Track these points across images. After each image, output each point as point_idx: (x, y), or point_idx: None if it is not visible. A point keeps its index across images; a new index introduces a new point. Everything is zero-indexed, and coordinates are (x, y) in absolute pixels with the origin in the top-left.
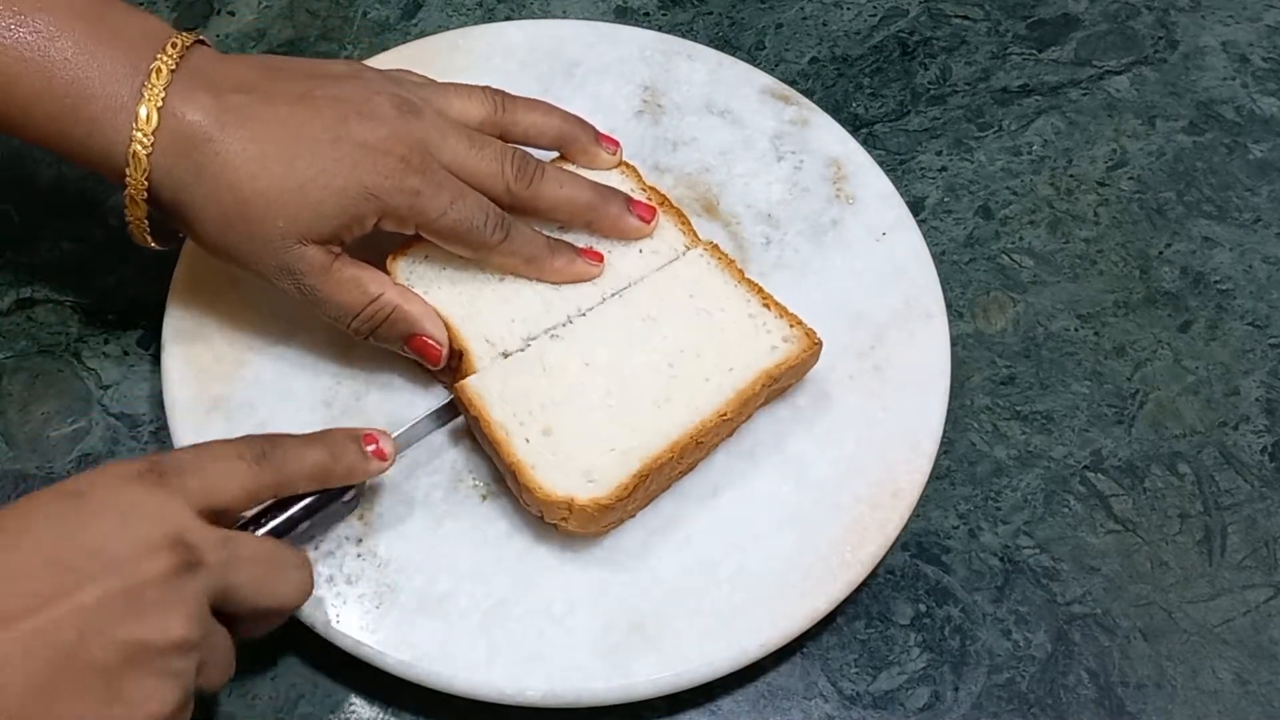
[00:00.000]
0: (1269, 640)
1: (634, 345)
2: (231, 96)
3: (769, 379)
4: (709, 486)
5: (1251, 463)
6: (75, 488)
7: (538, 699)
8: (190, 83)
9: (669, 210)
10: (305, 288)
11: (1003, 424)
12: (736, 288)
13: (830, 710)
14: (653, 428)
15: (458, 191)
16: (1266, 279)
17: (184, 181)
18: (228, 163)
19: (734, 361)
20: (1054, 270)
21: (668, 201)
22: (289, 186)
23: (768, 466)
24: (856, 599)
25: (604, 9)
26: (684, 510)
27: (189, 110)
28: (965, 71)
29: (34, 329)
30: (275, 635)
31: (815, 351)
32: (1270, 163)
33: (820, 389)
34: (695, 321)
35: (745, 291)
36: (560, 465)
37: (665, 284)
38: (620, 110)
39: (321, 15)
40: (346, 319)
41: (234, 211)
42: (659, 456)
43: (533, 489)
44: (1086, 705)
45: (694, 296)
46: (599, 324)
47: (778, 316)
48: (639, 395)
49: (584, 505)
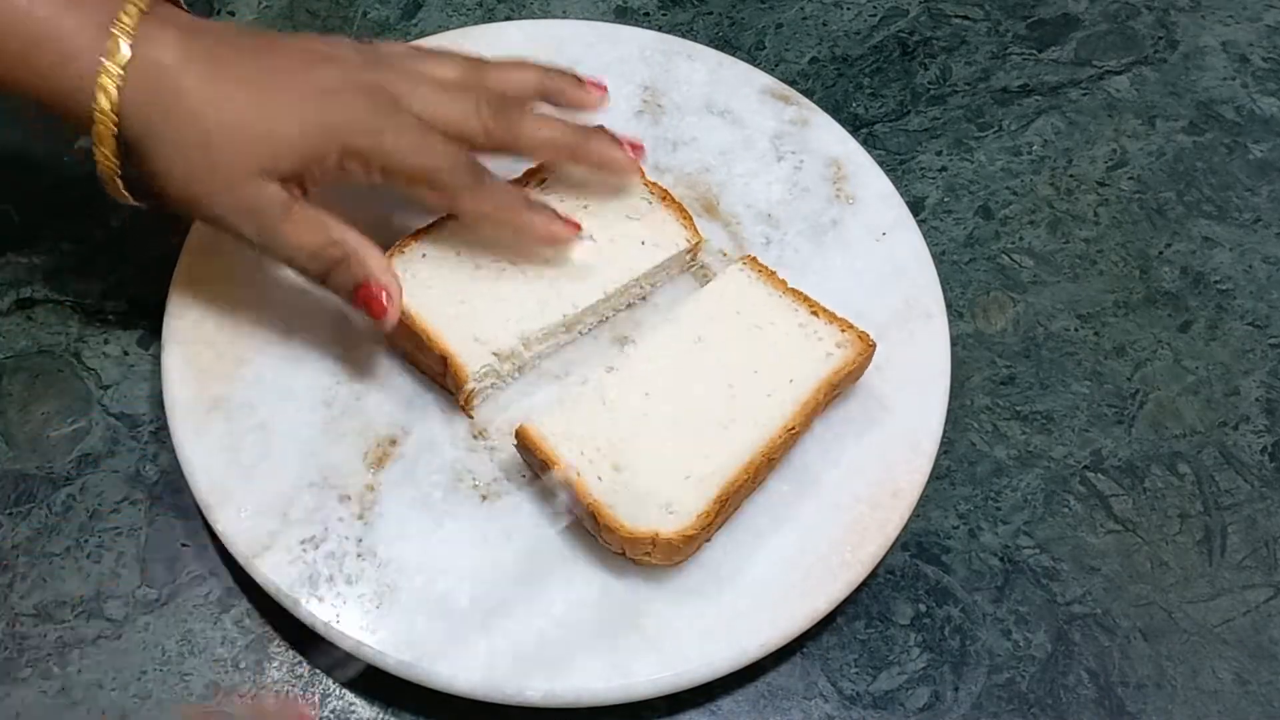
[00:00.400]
0: (1269, 640)
1: (691, 369)
2: (200, 37)
3: (830, 387)
4: None
5: (1251, 463)
6: None
7: (538, 699)
8: (160, 24)
9: (670, 204)
10: (264, 227)
11: (1003, 424)
12: (782, 298)
13: (830, 710)
14: (724, 450)
15: (423, 133)
16: (1266, 279)
17: (150, 117)
18: (192, 95)
19: (793, 373)
20: (1054, 270)
21: (669, 196)
22: (251, 119)
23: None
24: (856, 599)
25: (604, 9)
26: None
27: (156, 48)
28: (965, 71)
29: (34, 329)
30: (274, 636)
31: (869, 353)
32: (1270, 163)
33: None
34: (747, 338)
35: (791, 301)
36: (639, 500)
37: (710, 303)
38: (620, 110)
39: (321, 15)
40: (301, 258)
41: (196, 143)
42: (735, 479)
43: (615, 528)
44: (1086, 705)
45: (741, 313)
46: (651, 352)
47: (828, 323)
48: (704, 419)
49: (669, 538)
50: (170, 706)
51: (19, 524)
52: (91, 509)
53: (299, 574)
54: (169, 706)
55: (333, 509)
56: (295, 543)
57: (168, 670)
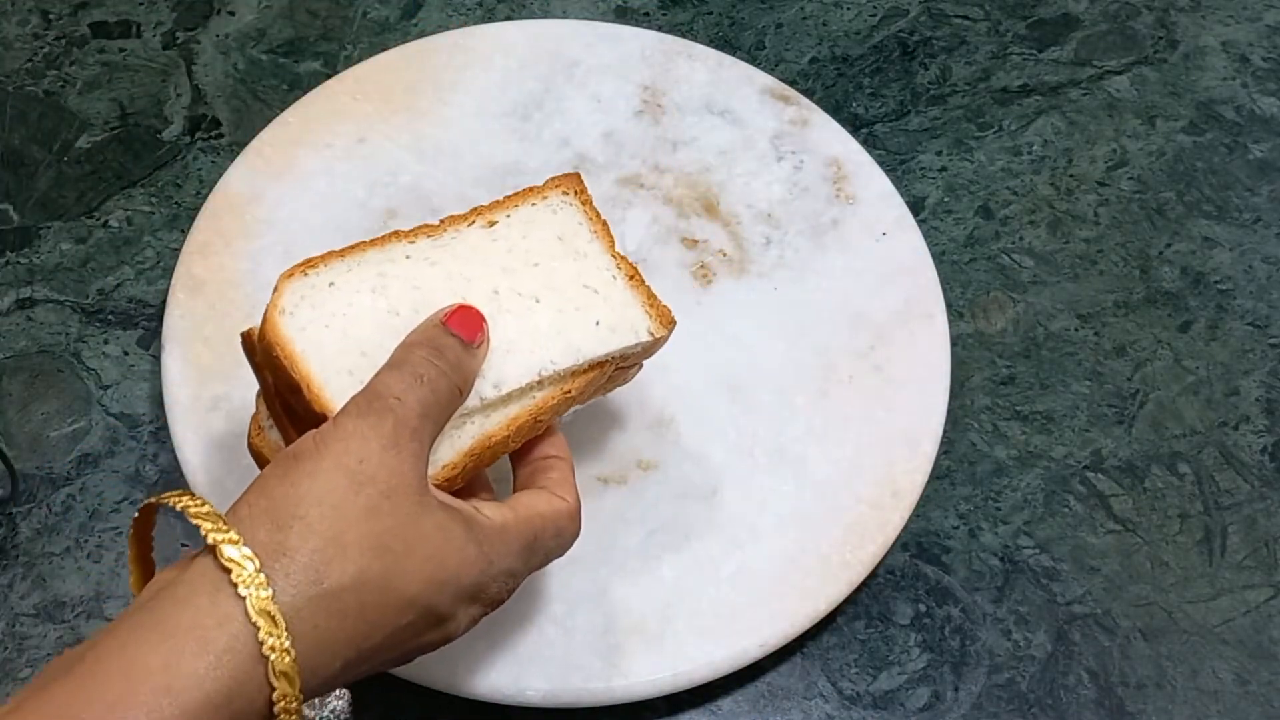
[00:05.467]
0: (1269, 640)
1: (481, 297)
2: None
3: (620, 360)
4: (709, 486)
5: (1251, 463)
6: None
7: (538, 699)
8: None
9: (639, 286)
10: None
11: (1003, 424)
12: (603, 256)
13: (830, 710)
14: (492, 406)
15: None
16: (1266, 279)
17: None
18: None
19: (583, 341)
20: (1054, 270)
21: (639, 276)
22: None
23: (768, 466)
24: (856, 599)
25: (604, 9)
26: (684, 510)
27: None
28: (965, 71)
29: (34, 329)
30: None
31: (667, 334)
32: (1270, 163)
33: (820, 389)
34: (549, 288)
35: (612, 263)
36: None
37: (532, 231)
38: (620, 110)
39: (321, 15)
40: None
41: None
42: (494, 434)
43: None
44: (1086, 705)
45: (552, 261)
46: (449, 263)
47: (634, 291)
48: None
49: None
50: None
51: (19, 524)
52: (91, 509)
53: None
54: None
55: None
56: None
57: None
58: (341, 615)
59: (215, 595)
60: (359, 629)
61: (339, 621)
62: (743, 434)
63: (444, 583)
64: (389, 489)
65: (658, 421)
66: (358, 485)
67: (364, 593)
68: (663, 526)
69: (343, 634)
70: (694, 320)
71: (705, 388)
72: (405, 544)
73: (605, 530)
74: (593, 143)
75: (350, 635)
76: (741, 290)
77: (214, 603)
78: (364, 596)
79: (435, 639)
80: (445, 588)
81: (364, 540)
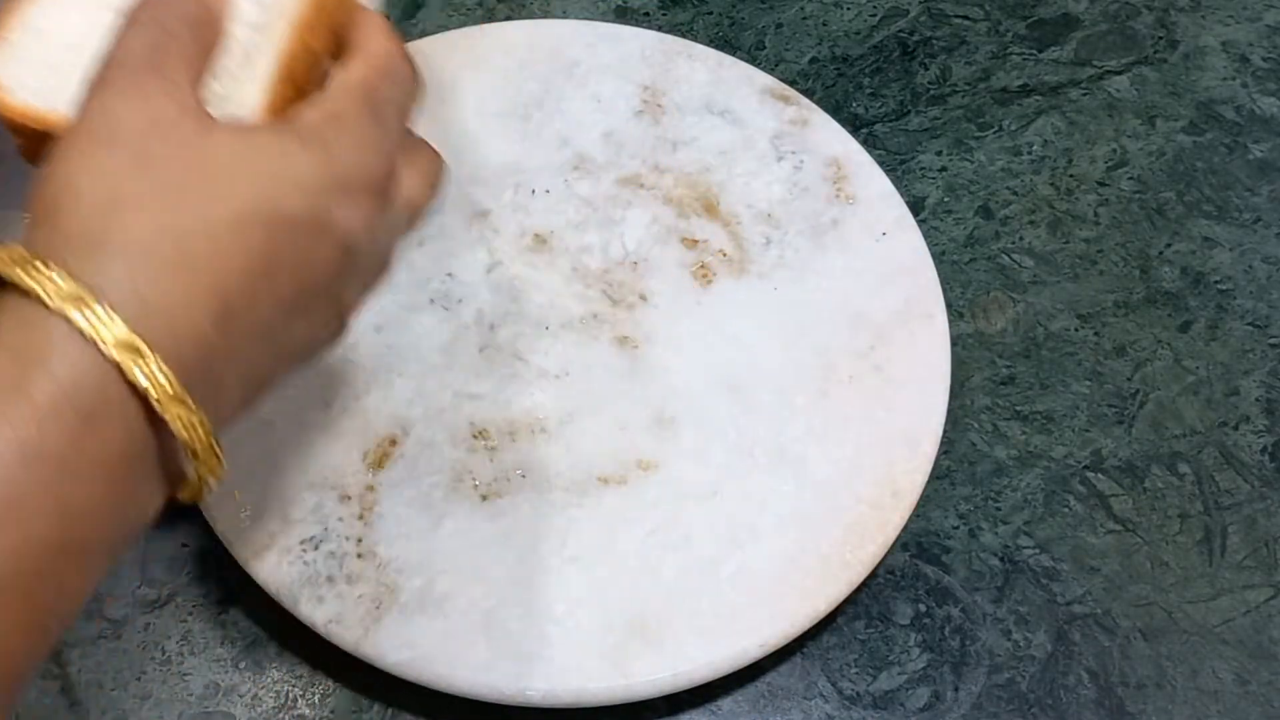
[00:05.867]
0: (1269, 640)
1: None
2: None
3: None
4: (709, 486)
5: (1251, 463)
6: None
7: (538, 699)
8: None
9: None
10: None
11: (1003, 424)
12: None
13: (830, 710)
14: (270, 25)
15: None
16: (1266, 279)
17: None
18: None
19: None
20: (1054, 270)
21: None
22: None
23: (767, 466)
24: (856, 599)
25: (604, 9)
26: (684, 510)
27: None
28: (965, 71)
29: None
30: (274, 636)
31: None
32: (1270, 163)
33: (820, 389)
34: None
35: None
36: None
37: None
38: (620, 110)
39: None
40: None
41: None
42: (288, 49)
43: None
44: (1086, 705)
45: None
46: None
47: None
48: None
49: None
50: (170, 706)
51: None
52: None
53: (299, 574)
54: (169, 706)
55: (333, 509)
56: (295, 543)
57: (168, 670)
58: (161, 268)
59: (22, 313)
60: (198, 278)
61: (170, 278)
62: (743, 434)
63: (273, 182)
64: (147, 128)
65: (658, 421)
66: (110, 143)
67: (170, 236)
68: (663, 526)
69: (178, 290)
70: (694, 320)
71: (705, 388)
72: (196, 169)
73: (605, 530)
74: (593, 143)
75: (188, 288)
76: (741, 290)
77: (28, 321)
78: (178, 241)
79: (326, 251)
80: (280, 186)
81: (141, 189)
